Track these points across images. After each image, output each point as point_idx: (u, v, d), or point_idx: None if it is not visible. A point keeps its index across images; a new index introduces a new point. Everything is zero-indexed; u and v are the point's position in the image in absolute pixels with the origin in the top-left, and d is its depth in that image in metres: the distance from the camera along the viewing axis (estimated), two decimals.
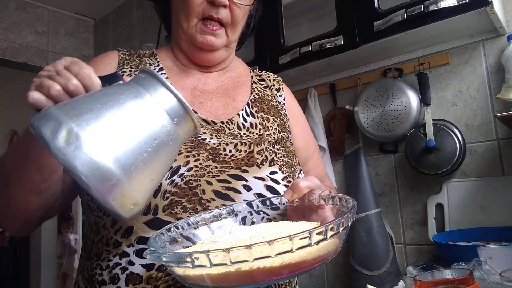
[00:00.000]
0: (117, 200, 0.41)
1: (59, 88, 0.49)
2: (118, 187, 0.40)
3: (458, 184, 1.42)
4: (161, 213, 0.61)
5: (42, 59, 2.75)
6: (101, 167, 0.40)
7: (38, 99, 0.49)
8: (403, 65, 1.58)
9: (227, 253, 0.39)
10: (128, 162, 0.41)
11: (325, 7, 1.55)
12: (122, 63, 0.77)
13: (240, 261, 0.39)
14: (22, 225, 0.68)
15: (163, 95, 0.47)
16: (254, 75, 0.89)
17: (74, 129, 0.40)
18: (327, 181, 0.91)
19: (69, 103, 0.45)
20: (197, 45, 0.76)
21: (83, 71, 0.50)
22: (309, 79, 1.85)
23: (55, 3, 2.82)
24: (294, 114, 0.89)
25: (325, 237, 0.42)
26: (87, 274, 0.66)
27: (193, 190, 0.63)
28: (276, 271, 0.42)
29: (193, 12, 0.74)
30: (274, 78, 0.91)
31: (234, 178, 0.66)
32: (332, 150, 1.75)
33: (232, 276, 0.41)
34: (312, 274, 1.82)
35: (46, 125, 0.41)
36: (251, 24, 0.87)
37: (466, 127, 1.43)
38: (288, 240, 0.40)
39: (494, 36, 1.39)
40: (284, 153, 0.76)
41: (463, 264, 0.82)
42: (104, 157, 0.40)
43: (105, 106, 0.43)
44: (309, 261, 0.43)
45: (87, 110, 0.42)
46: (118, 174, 0.40)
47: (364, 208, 1.57)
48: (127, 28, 2.82)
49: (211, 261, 0.39)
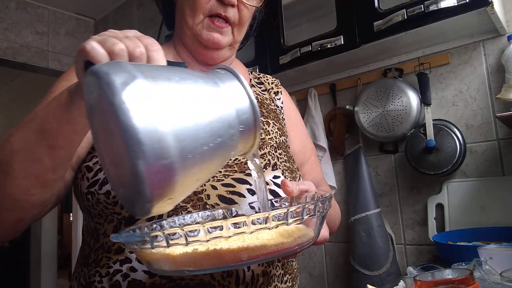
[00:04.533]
0: (160, 186, 0.35)
1: (124, 48, 0.42)
2: (169, 171, 0.35)
3: (458, 184, 1.42)
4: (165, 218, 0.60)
5: (42, 59, 2.75)
6: (162, 140, 0.34)
7: (97, 49, 0.41)
8: (403, 65, 1.58)
9: (183, 231, 0.38)
10: (188, 148, 0.36)
11: (325, 7, 1.55)
12: None
13: (196, 240, 0.38)
14: (11, 225, 0.59)
15: (239, 97, 0.43)
16: (253, 78, 0.88)
17: (149, 89, 0.34)
18: (324, 185, 0.90)
19: (144, 65, 0.40)
20: (202, 42, 0.74)
21: (154, 45, 0.44)
22: (309, 79, 1.86)
23: (55, 3, 2.81)
24: (291, 117, 0.88)
25: (285, 221, 0.40)
26: (84, 281, 0.63)
27: (198, 195, 0.62)
28: (234, 254, 0.40)
29: (200, 8, 0.71)
30: (273, 81, 0.90)
31: (239, 182, 0.65)
32: (332, 150, 1.75)
33: (189, 258, 0.40)
34: (312, 274, 1.82)
35: (117, 73, 0.34)
36: (254, 25, 0.86)
37: (466, 127, 1.43)
38: (245, 219, 0.39)
39: (494, 36, 1.39)
40: (286, 158, 0.75)
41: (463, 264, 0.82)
42: (169, 131, 0.34)
43: (184, 82, 0.39)
44: (270, 247, 0.42)
45: (164, 77, 0.37)
46: (175, 155, 0.35)
47: (364, 208, 1.57)
48: (126, 28, 2.81)
49: (168, 240, 0.38)
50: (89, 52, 0.41)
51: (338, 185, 1.75)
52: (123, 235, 0.40)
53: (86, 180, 0.64)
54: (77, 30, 3.00)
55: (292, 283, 0.72)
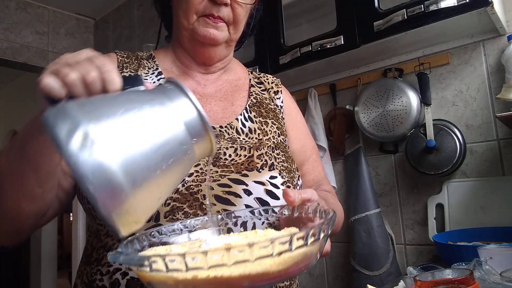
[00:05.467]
0: (121, 216, 0.38)
1: (76, 77, 0.43)
2: (126, 204, 0.37)
3: (458, 184, 1.42)
4: (162, 220, 0.60)
5: (42, 59, 2.75)
6: (113, 180, 0.36)
7: (52, 85, 0.43)
8: (403, 65, 1.58)
9: (182, 258, 0.36)
10: (141, 179, 0.38)
11: (325, 7, 1.55)
12: (121, 66, 0.76)
13: (195, 267, 0.36)
14: (11, 235, 0.64)
15: (187, 110, 0.43)
16: (253, 78, 0.88)
17: (92, 134, 0.36)
18: (326, 184, 0.90)
19: (89, 101, 0.41)
20: (199, 38, 0.74)
21: (106, 66, 0.45)
22: (309, 79, 1.86)
23: (55, 3, 2.82)
24: (292, 116, 0.88)
25: (290, 248, 0.38)
26: (87, 279, 0.66)
27: (194, 195, 0.63)
28: (235, 281, 0.38)
29: (194, 9, 0.72)
30: (273, 81, 0.90)
31: (235, 182, 0.65)
32: (332, 150, 1.75)
33: (188, 284, 0.38)
34: (312, 274, 1.82)
35: (62, 123, 0.36)
36: (252, 23, 0.86)
37: (466, 127, 1.43)
38: (248, 248, 0.36)
39: (494, 36, 1.39)
40: (284, 158, 0.75)
41: (463, 264, 0.82)
42: (118, 170, 0.37)
43: (128, 114, 0.40)
44: (272, 273, 0.39)
45: (108, 114, 0.39)
46: (128, 190, 0.37)
47: (364, 208, 1.57)
48: (127, 28, 2.81)
49: (167, 266, 0.37)
50: (44, 89, 0.43)
51: (338, 185, 1.75)
52: (121, 257, 0.40)
53: None
54: (77, 30, 3.00)
55: (290, 281, 0.72)
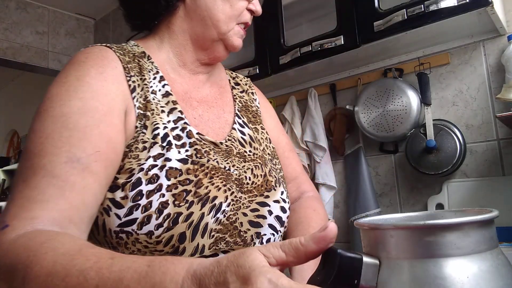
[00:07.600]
0: None
1: None
2: None
3: (458, 184, 1.42)
4: (206, 251, 0.62)
5: (42, 59, 2.75)
6: None
7: None
8: (403, 65, 1.58)
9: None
10: None
11: (325, 7, 1.55)
12: (127, 70, 0.68)
13: None
14: None
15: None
16: (231, 79, 0.88)
17: None
18: (304, 182, 0.88)
19: None
20: (228, 47, 0.76)
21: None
22: (309, 79, 1.85)
23: (55, 3, 2.82)
24: (266, 114, 0.88)
25: None
26: None
27: (233, 224, 0.65)
28: None
29: (236, 17, 0.75)
30: (246, 82, 0.90)
31: (261, 206, 0.69)
32: (332, 150, 1.75)
33: None
34: None
35: None
36: None
37: (467, 127, 1.43)
38: None
39: (495, 36, 1.39)
40: (280, 166, 0.79)
41: None
42: None
43: None
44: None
45: None
46: None
47: (364, 208, 1.57)
48: (127, 28, 2.80)
49: None
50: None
51: (338, 185, 1.75)
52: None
53: (116, 217, 0.58)
54: (77, 30, 3.00)
55: None
